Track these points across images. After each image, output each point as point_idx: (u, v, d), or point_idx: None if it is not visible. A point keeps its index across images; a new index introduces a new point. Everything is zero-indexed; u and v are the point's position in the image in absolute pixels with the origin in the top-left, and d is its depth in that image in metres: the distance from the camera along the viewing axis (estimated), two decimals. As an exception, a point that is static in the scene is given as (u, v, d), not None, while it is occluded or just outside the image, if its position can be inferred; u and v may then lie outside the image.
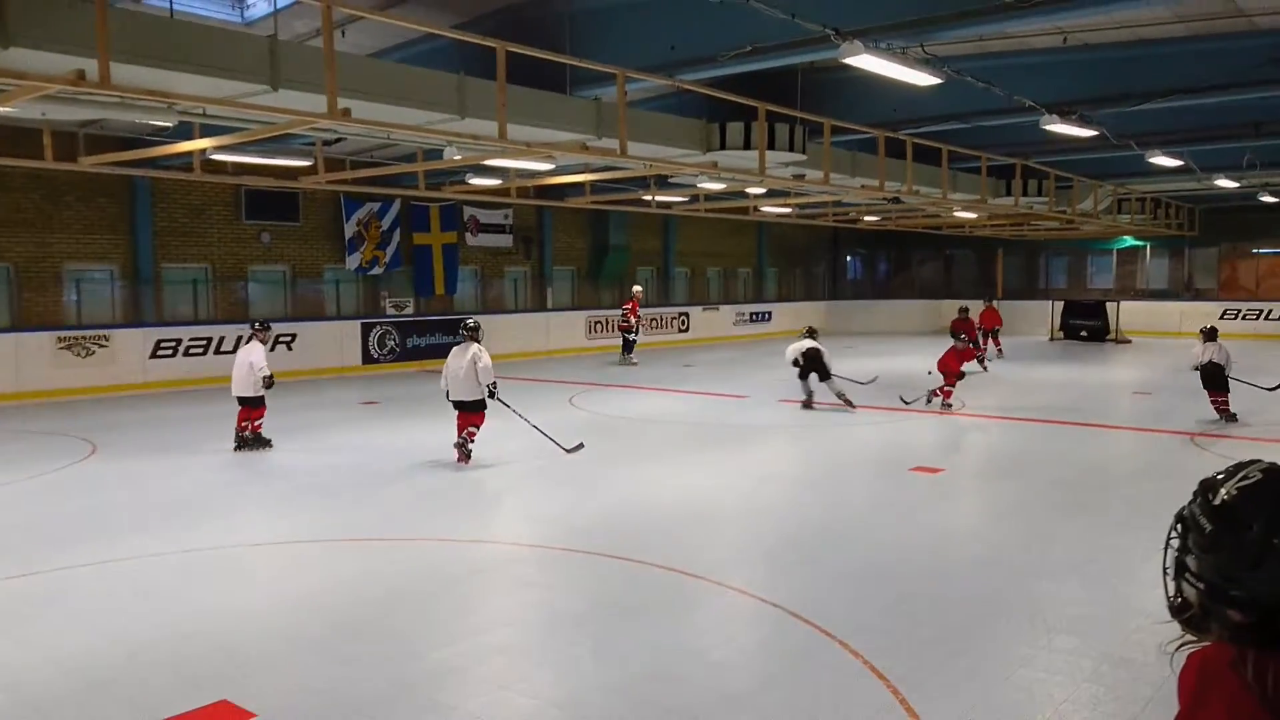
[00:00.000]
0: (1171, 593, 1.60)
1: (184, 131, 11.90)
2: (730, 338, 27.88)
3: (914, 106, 13.99)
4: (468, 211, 23.35)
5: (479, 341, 10.14)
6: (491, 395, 10.16)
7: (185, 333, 17.56)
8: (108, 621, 5.67)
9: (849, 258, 37.47)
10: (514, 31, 10.43)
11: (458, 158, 12.42)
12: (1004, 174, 19.06)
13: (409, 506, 8.69)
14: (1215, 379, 12.41)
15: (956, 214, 21.87)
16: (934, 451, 11.14)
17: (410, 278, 22.53)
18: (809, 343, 13.80)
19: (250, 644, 5.34)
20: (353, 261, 21.23)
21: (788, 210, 21.84)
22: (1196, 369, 12.64)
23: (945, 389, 13.73)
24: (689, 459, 10.93)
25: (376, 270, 21.74)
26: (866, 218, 24.04)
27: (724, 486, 9.46)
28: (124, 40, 7.28)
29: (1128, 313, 27.64)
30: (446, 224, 22.85)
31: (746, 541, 7.62)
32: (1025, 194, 19.36)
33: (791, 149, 13.03)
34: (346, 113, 8.17)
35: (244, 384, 10.78)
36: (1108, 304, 28.09)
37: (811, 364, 13.68)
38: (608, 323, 25.53)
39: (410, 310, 22.34)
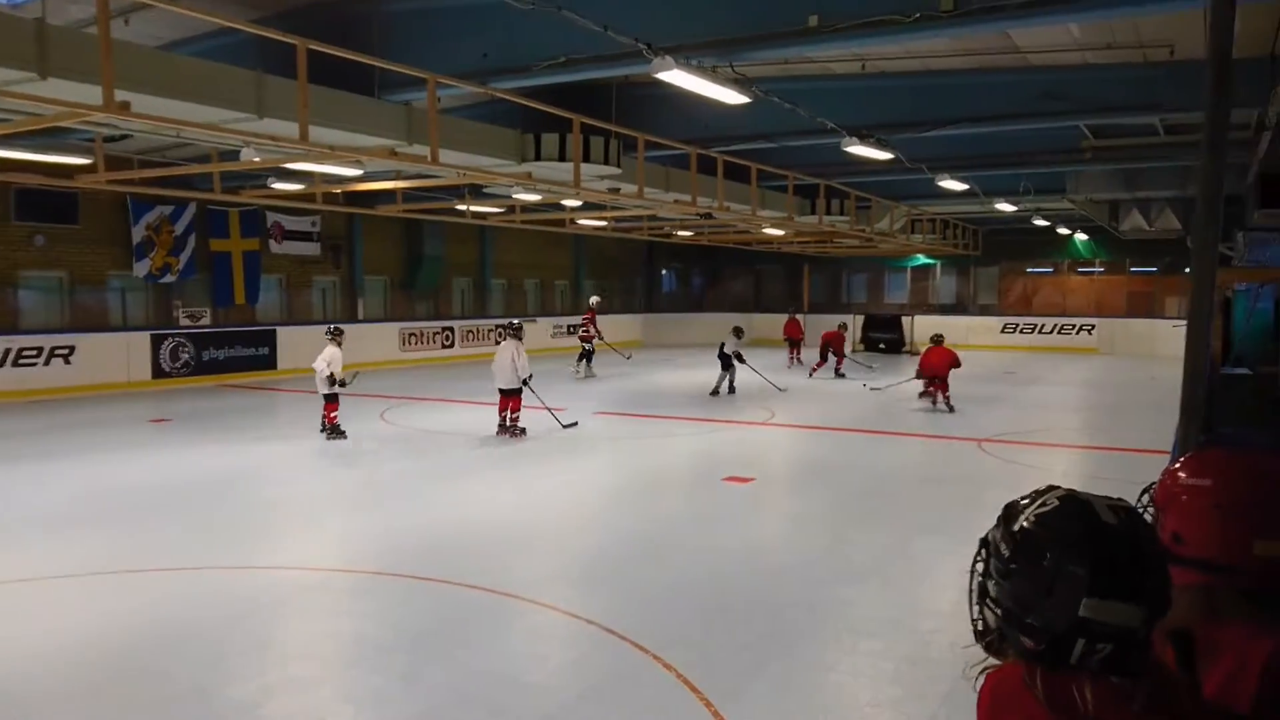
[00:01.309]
0: (974, 617, 1.60)
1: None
2: (548, 350, 27.72)
3: (725, 125, 14.34)
4: (272, 217, 22.16)
5: (520, 339, 13.11)
6: (525, 384, 12.87)
7: (-59, 345, 15.79)
8: None
9: (664, 271, 38.18)
10: (320, 30, 9.92)
11: (256, 159, 11.72)
12: (809, 193, 19.90)
13: (201, 532, 8.04)
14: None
15: (765, 230, 22.65)
16: (745, 461, 11.41)
17: (207, 286, 21.16)
18: (724, 341, 17.86)
19: (13, 697, 4.76)
20: (141, 268, 19.72)
21: (604, 223, 21.98)
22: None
23: (935, 394, 15.67)
24: (503, 474, 10.73)
25: (169, 278, 20.28)
26: (680, 232, 24.52)
27: (538, 501, 9.32)
28: None
29: (921, 326, 29.52)
30: (248, 230, 21.63)
31: (560, 557, 7.52)
32: (828, 213, 20.29)
33: (606, 162, 13.09)
34: (125, 106, 7.51)
35: (323, 383, 12.76)
36: (903, 318, 29.99)
37: (722, 356, 17.78)
38: (423, 335, 24.89)
39: (207, 321, 20.96)
